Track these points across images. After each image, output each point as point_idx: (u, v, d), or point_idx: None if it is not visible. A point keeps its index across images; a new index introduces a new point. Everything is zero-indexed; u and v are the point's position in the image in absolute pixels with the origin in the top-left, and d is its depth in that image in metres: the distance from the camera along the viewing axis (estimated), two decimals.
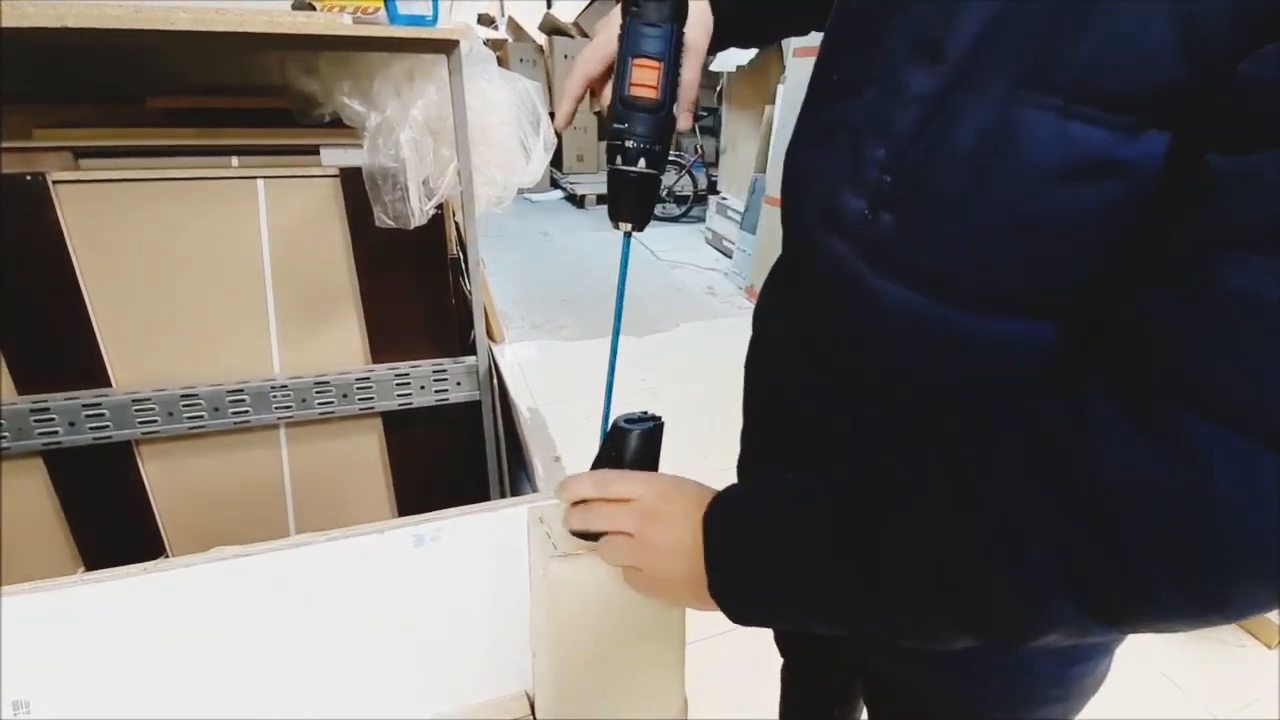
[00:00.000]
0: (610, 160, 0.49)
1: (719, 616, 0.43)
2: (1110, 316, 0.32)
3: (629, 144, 0.47)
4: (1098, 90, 0.31)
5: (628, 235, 0.51)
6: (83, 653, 0.43)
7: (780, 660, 0.92)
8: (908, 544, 0.35)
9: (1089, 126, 0.31)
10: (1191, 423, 0.27)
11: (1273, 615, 1.55)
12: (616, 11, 0.52)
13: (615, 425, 0.50)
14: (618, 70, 0.47)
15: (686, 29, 0.48)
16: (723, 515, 0.42)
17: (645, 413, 0.51)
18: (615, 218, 0.51)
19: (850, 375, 0.47)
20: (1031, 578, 0.31)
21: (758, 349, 0.61)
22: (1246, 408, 0.26)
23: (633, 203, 0.49)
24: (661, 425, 0.51)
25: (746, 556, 0.41)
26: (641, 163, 0.47)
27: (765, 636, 0.88)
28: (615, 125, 0.47)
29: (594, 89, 0.53)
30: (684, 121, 0.50)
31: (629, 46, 0.46)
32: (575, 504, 0.49)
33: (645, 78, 0.46)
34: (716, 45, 0.56)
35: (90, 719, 0.43)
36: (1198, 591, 0.28)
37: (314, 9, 1.05)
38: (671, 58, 0.47)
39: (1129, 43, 0.30)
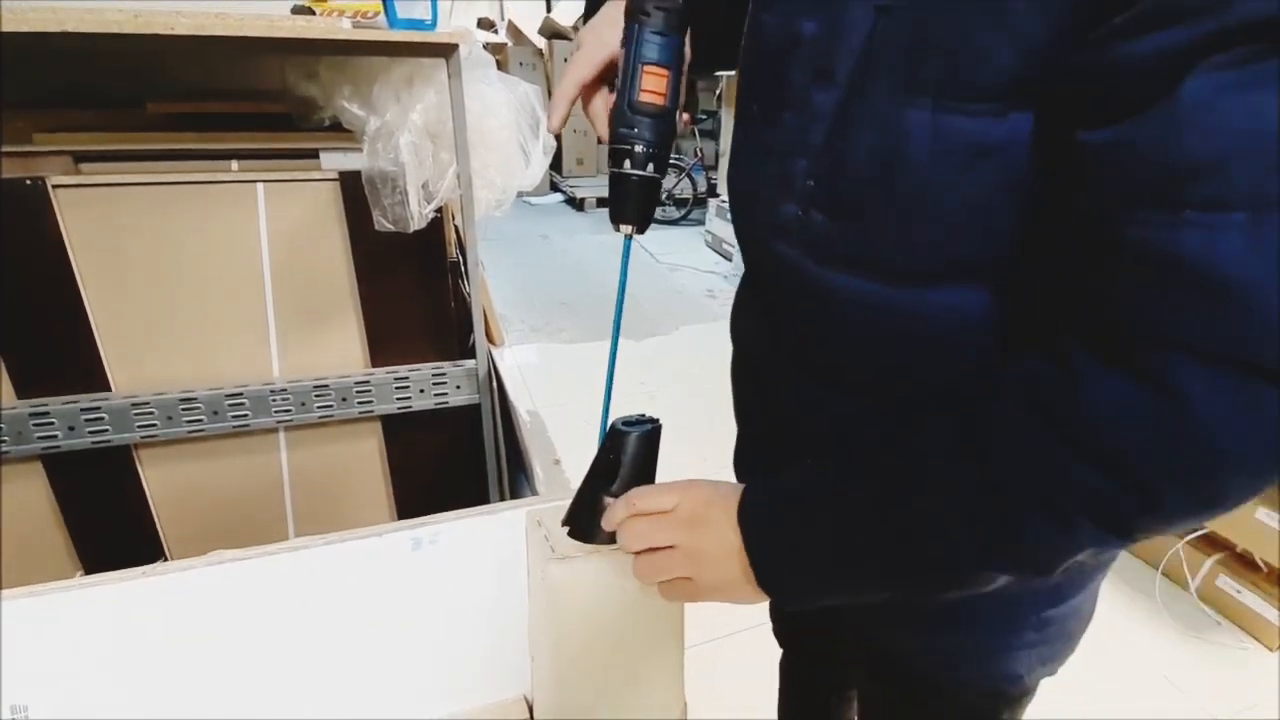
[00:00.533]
0: (617, 164, 0.49)
1: (719, 620, 0.43)
2: (1057, 281, 0.36)
3: (637, 148, 0.48)
4: (957, 87, 0.36)
5: (629, 238, 0.52)
6: (81, 656, 0.43)
7: (777, 656, 0.92)
8: (933, 503, 0.38)
9: (957, 117, 0.36)
10: (1157, 360, 0.31)
11: (1272, 618, 1.55)
12: (601, 19, 0.52)
13: (613, 428, 0.50)
14: (627, 76, 0.48)
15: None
16: (754, 512, 0.44)
17: (643, 415, 0.51)
18: (617, 220, 0.51)
19: (824, 370, 0.49)
20: (1047, 518, 0.35)
21: (737, 357, 0.64)
22: (1195, 341, 0.29)
23: (637, 206, 0.50)
24: (659, 428, 0.51)
25: (784, 546, 0.43)
26: (650, 167, 0.48)
27: (763, 642, 0.88)
28: (622, 130, 0.48)
29: (584, 94, 0.54)
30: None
31: (639, 54, 0.47)
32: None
33: (655, 85, 0.47)
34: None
35: None
36: (1198, 498, 0.32)
37: (313, 14, 1.05)
38: (677, 66, 0.48)
39: (969, 46, 0.35)
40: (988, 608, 0.51)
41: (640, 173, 0.48)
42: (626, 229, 0.51)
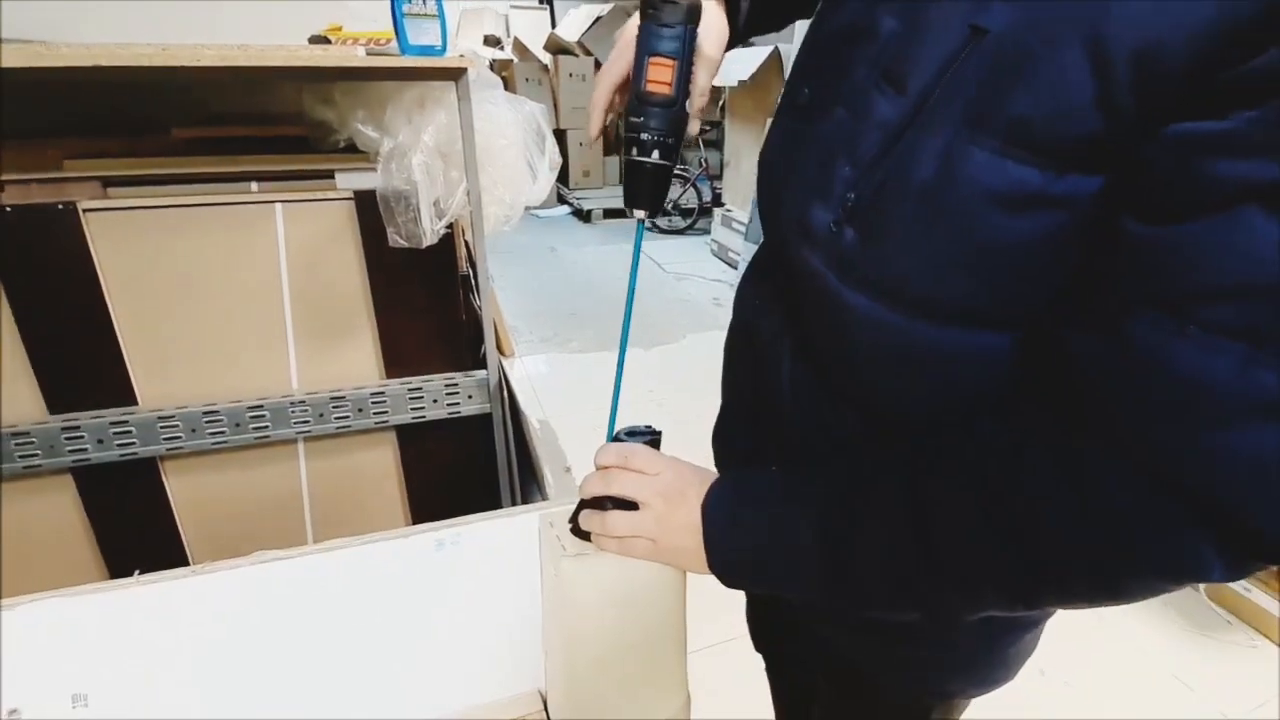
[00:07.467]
0: (627, 151, 0.51)
1: (725, 623, 0.45)
2: (1050, 346, 0.37)
3: (644, 136, 0.49)
4: (1027, 137, 0.34)
5: (641, 222, 0.54)
6: (137, 649, 0.46)
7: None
8: (868, 545, 0.42)
9: (1021, 166, 0.35)
10: (1094, 455, 0.33)
11: None
12: (630, 24, 0.53)
13: (616, 436, 0.54)
14: (635, 69, 0.49)
15: (702, 38, 0.51)
16: (718, 502, 0.49)
17: (647, 426, 0.54)
18: (630, 204, 0.53)
19: (827, 370, 0.50)
20: (971, 585, 0.40)
21: (740, 336, 0.63)
22: (1140, 450, 0.32)
23: (647, 191, 0.52)
24: (659, 438, 0.54)
25: (734, 541, 0.48)
26: (655, 154, 0.50)
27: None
28: (631, 119, 0.50)
29: (619, 96, 0.55)
30: (693, 127, 0.53)
31: (646, 47, 0.49)
32: (595, 473, 0.53)
33: (660, 75, 0.49)
34: (738, 40, 0.59)
35: (144, 715, 0.46)
36: (1100, 590, 0.36)
37: (329, 42, 1.10)
38: (685, 57, 0.49)
39: (1051, 95, 0.33)
40: (930, 629, 0.55)
41: (649, 160, 0.50)
42: (639, 213, 0.53)
